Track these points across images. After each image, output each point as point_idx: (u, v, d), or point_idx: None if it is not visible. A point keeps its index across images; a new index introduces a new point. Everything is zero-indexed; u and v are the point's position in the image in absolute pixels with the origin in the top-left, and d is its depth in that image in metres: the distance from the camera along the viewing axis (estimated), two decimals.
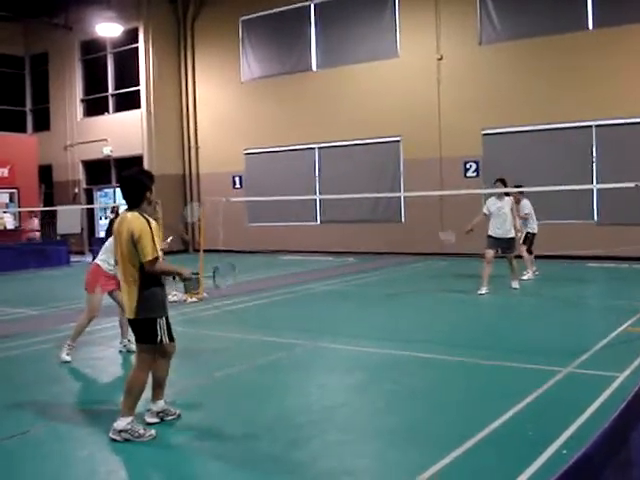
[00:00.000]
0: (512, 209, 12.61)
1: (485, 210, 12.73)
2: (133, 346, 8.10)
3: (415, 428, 5.44)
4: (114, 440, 5.18)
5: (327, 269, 17.60)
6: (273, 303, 12.27)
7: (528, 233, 14.29)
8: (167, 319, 5.38)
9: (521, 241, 13.99)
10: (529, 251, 14.48)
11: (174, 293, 12.51)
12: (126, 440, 5.17)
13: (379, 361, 7.75)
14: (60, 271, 19.58)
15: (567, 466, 2.31)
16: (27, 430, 5.58)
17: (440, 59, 19.73)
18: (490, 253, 12.42)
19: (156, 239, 5.20)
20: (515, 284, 12.90)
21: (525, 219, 14.20)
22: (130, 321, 5.37)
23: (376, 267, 17.53)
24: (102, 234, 25.93)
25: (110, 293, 8.17)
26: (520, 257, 14.03)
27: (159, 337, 5.28)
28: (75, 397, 6.72)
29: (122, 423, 5.20)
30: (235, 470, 4.73)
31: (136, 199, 5.34)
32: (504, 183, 12.61)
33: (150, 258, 5.14)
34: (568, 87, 17.95)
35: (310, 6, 22.30)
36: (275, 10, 22.91)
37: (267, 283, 14.84)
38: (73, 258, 22.34)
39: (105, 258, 8.07)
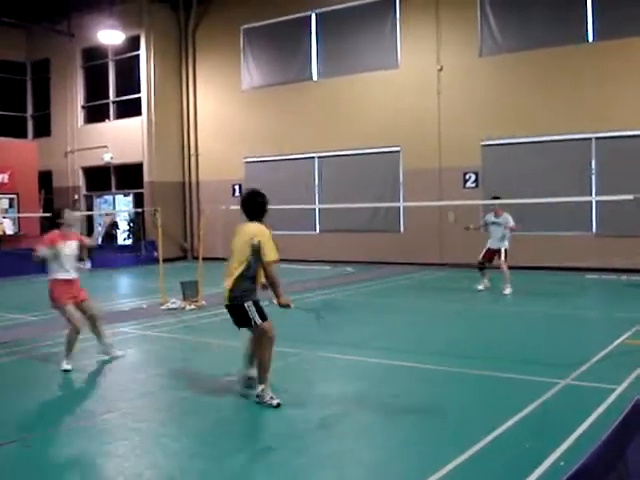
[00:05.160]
0: None
1: None
2: (118, 352, 8.15)
3: (413, 439, 5.45)
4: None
5: (325, 278, 17.59)
6: (270, 312, 12.25)
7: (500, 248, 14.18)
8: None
9: (503, 257, 13.96)
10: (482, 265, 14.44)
11: (173, 300, 12.52)
12: (258, 403, 6.20)
13: (377, 371, 7.77)
14: None
15: (565, 478, 2.33)
16: (27, 435, 5.58)
17: (440, 70, 19.78)
18: None
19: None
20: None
21: (515, 230, 14.17)
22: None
23: (374, 277, 17.53)
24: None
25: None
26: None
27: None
28: (76, 403, 6.71)
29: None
30: (234, 479, 4.73)
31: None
32: None
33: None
34: (568, 99, 18.00)
35: (311, 16, 22.37)
36: (276, 19, 22.97)
37: (264, 292, 14.79)
38: None
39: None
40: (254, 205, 6.55)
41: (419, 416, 6.02)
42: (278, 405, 6.17)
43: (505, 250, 13.91)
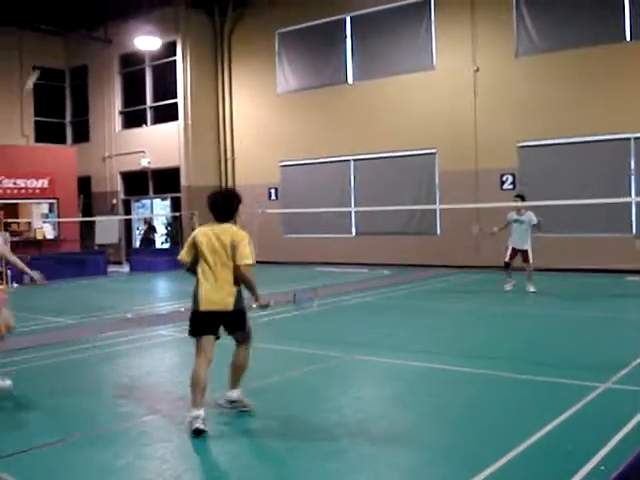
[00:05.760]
0: None
1: None
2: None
3: (452, 442, 5.41)
4: (222, 406, 6.11)
5: (361, 281, 17.57)
6: (305, 315, 12.27)
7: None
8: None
9: (531, 258, 13.91)
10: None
11: None
12: (233, 409, 6.06)
13: (414, 374, 7.73)
14: (97, 281, 19.83)
15: None
16: (65, 437, 5.65)
17: (476, 71, 19.67)
18: None
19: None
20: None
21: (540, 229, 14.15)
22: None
23: (410, 279, 17.47)
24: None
25: None
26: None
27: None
28: (114, 407, 6.78)
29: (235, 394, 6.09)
30: None
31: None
32: None
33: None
34: (605, 99, 17.77)
35: (346, 19, 22.39)
36: (311, 23, 23.04)
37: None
38: (111, 268, 22.65)
39: None
40: (228, 205, 6.20)
41: (457, 419, 5.98)
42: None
43: (529, 250, 13.98)
